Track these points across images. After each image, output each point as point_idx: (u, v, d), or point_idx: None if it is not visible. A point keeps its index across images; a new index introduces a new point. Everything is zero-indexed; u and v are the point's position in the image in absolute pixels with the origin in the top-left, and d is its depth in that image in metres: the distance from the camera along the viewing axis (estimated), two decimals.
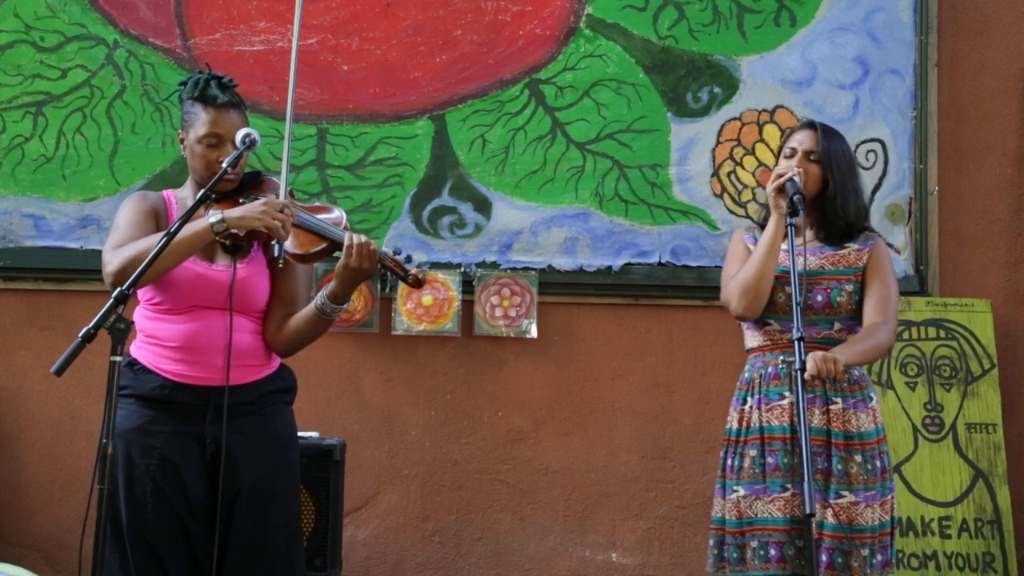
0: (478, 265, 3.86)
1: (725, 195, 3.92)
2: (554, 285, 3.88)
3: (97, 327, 2.20)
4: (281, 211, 2.40)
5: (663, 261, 3.89)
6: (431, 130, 3.92)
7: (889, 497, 2.76)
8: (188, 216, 2.34)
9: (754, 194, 3.91)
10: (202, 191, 2.40)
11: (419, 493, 3.86)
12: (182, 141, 2.57)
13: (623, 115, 3.92)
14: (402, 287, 3.77)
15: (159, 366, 2.46)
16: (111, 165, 3.86)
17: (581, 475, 3.88)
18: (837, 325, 2.79)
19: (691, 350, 3.92)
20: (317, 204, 2.60)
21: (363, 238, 2.42)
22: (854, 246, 2.85)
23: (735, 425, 2.85)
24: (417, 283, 2.49)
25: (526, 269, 3.87)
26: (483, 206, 3.90)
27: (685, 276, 3.89)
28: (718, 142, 3.93)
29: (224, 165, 2.44)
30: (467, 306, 3.84)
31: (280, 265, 2.44)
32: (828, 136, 2.86)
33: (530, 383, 3.90)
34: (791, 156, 2.85)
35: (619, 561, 3.85)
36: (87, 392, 3.80)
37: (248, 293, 2.51)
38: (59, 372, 2.15)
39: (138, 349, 2.52)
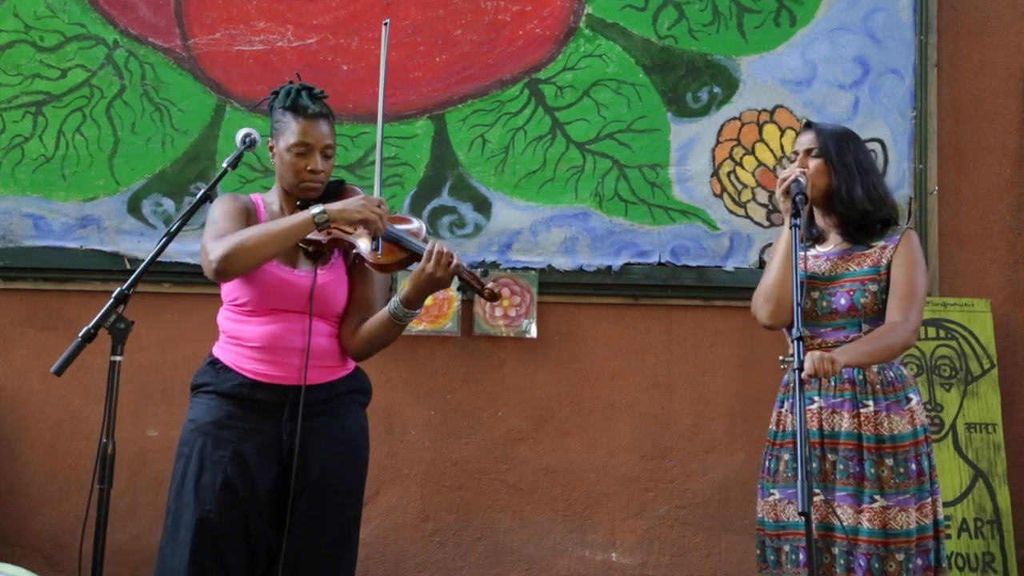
0: (478, 265, 3.86)
1: (725, 195, 3.92)
2: (554, 285, 3.88)
3: (97, 327, 2.21)
4: (379, 207, 2.51)
5: (663, 261, 3.89)
6: (431, 130, 3.92)
7: (929, 500, 2.72)
8: (189, 215, 2.44)
9: (754, 194, 3.92)
10: (202, 191, 2.46)
11: (419, 493, 3.86)
12: (271, 148, 2.63)
13: (623, 115, 3.92)
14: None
15: (240, 365, 2.53)
16: (111, 165, 3.86)
17: (581, 475, 3.88)
18: (865, 327, 2.76)
19: (691, 350, 3.92)
20: (399, 215, 2.70)
21: (445, 247, 2.49)
22: (880, 243, 2.82)
23: (773, 427, 2.86)
24: (493, 297, 2.57)
25: (526, 269, 3.87)
26: (483, 206, 3.90)
27: (685, 276, 3.89)
28: (718, 142, 3.93)
29: (224, 165, 2.54)
30: (467, 306, 3.84)
31: (373, 260, 2.52)
32: (826, 131, 2.87)
33: (530, 383, 3.90)
34: (794, 160, 2.86)
35: (619, 561, 3.86)
36: (87, 392, 3.80)
37: (327, 298, 2.58)
38: (59, 372, 2.16)
39: (220, 349, 2.59)
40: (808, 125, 2.92)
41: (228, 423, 2.51)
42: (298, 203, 2.60)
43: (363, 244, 2.53)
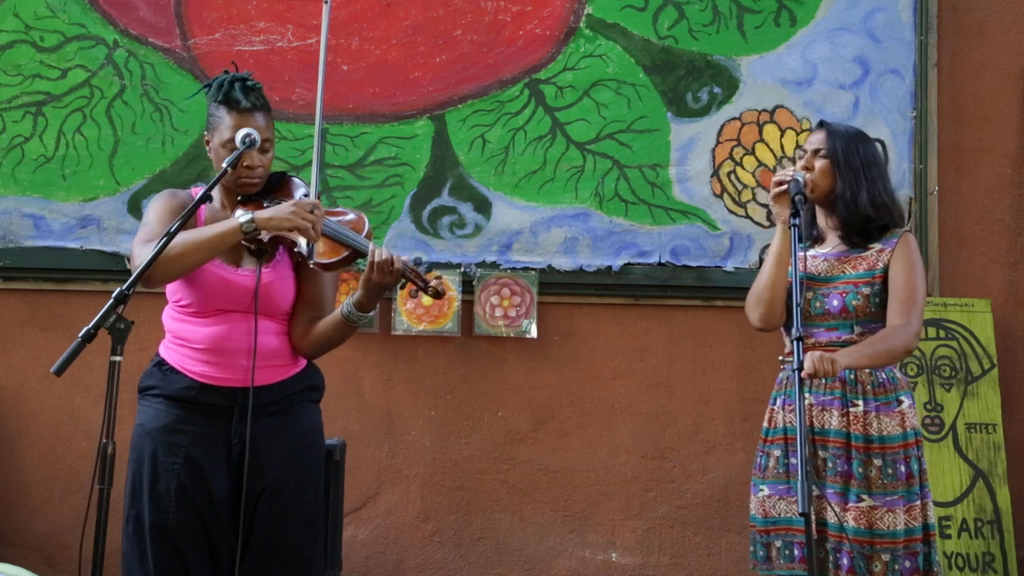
0: (478, 265, 3.86)
1: (725, 195, 3.92)
2: (554, 285, 3.87)
3: (97, 327, 2.21)
4: (311, 211, 2.40)
5: (663, 261, 3.89)
6: (431, 130, 3.92)
7: (919, 503, 2.71)
8: (188, 216, 2.37)
9: (754, 194, 3.91)
10: (202, 192, 2.42)
11: (419, 493, 3.86)
12: (207, 143, 2.58)
13: (623, 115, 3.92)
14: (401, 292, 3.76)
15: (186, 367, 2.49)
16: (111, 165, 3.86)
17: (581, 475, 3.88)
18: (857, 329, 2.76)
19: (691, 350, 3.92)
20: (339, 209, 2.62)
21: (385, 254, 2.42)
22: (878, 246, 2.82)
23: (766, 424, 2.87)
24: (437, 295, 2.50)
25: (526, 269, 3.87)
26: (483, 206, 3.90)
27: (685, 276, 3.89)
28: (718, 142, 3.93)
29: (224, 165, 2.46)
30: (467, 306, 3.84)
31: (311, 265, 2.46)
32: (836, 133, 2.86)
33: (530, 383, 3.90)
34: (802, 158, 2.86)
35: (619, 561, 3.85)
36: (87, 392, 3.80)
37: (273, 297, 2.53)
38: (59, 372, 2.15)
39: (167, 349, 2.55)
40: (821, 124, 2.91)
41: (178, 427, 2.46)
42: (239, 198, 2.54)
43: (304, 243, 2.45)
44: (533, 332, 3.84)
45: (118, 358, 2.24)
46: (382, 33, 3.93)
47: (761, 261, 3.85)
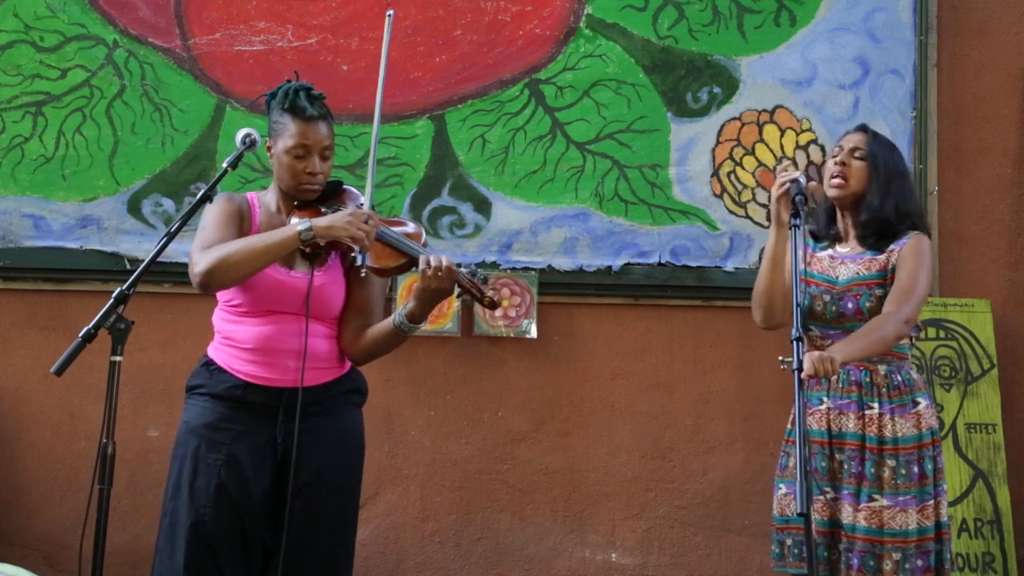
0: (478, 265, 3.85)
1: (725, 195, 3.92)
2: (554, 285, 3.87)
3: (97, 327, 2.21)
4: (366, 222, 2.46)
5: (663, 261, 3.89)
6: (431, 130, 3.92)
7: (931, 502, 2.75)
8: (192, 213, 2.43)
9: (754, 194, 3.92)
10: (202, 192, 2.45)
11: (419, 493, 3.86)
12: (269, 149, 2.61)
13: (623, 115, 3.92)
14: (400, 288, 3.77)
15: (233, 367, 2.52)
16: (111, 165, 3.86)
17: (581, 475, 3.88)
18: None
19: (691, 350, 3.92)
20: (395, 218, 2.66)
21: (441, 260, 2.46)
22: (891, 247, 2.85)
23: (788, 425, 2.92)
24: (492, 305, 2.54)
25: (526, 269, 3.87)
26: (483, 206, 3.90)
27: (685, 276, 3.89)
28: (718, 142, 3.93)
29: (224, 165, 2.52)
30: (467, 306, 3.84)
31: (362, 275, 2.49)
32: (877, 140, 2.92)
33: (530, 383, 3.90)
34: (836, 155, 2.90)
35: (619, 561, 3.85)
36: (87, 392, 3.80)
37: (323, 300, 2.56)
38: (59, 372, 2.16)
39: (215, 350, 2.58)
40: (862, 129, 2.96)
41: (222, 425, 2.50)
42: (295, 203, 2.59)
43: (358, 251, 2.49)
44: (533, 332, 3.84)
45: (118, 358, 2.25)
46: (382, 33, 3.92)
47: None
